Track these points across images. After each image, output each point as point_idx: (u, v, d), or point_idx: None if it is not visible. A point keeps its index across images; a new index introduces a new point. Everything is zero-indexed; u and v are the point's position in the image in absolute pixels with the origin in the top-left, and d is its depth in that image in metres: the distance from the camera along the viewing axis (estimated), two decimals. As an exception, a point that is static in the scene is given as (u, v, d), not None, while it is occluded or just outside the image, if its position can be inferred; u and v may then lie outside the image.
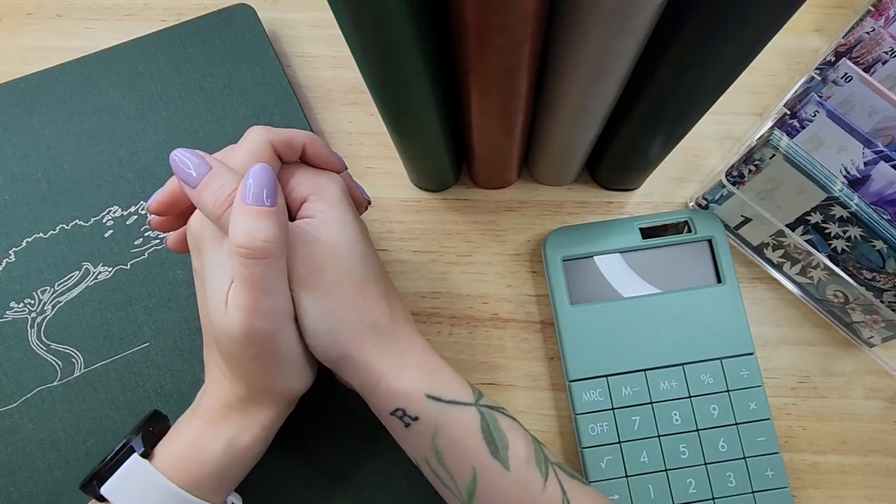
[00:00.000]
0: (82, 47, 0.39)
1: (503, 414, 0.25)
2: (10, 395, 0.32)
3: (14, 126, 0.36)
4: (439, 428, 0.24)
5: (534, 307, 0.36)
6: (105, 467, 0.24)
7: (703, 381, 0.32)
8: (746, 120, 0.39)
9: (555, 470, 0.25)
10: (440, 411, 0.24)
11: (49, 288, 0.34)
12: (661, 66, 0.25)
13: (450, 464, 0.24)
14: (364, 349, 0.24)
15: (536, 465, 0.24)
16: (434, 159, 0.33)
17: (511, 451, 0.24)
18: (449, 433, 0.24)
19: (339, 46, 0.41)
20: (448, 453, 0.24)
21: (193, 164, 0.23)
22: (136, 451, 0.24)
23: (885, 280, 0.31)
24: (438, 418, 0.24)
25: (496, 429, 0.24)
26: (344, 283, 0.24)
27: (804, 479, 0.33)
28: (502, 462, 0.24)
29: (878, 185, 0.31)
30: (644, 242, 0.35)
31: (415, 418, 0.24)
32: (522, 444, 0.25)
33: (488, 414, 0.25)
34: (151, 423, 0.26)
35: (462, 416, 0.24)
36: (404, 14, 0.20)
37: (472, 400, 0.25)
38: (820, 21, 0.40)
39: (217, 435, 0.24)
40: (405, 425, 0.25)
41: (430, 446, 0.24)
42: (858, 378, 0.34)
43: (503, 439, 0.24)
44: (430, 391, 0.24)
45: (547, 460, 0.25)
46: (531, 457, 0.24)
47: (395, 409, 0.25)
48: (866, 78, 0.31)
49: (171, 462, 0.24)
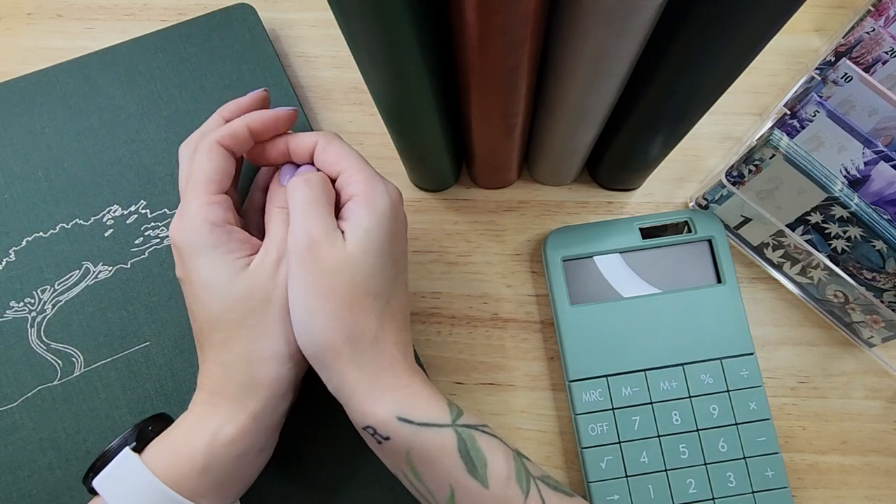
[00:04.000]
0: (82, 47, 0.39)
1: (482, 432, 0.25)
2: (11, 395, 0.32)
3: (14, 125, 0.36)
4: (412, 448, 0.24)
5: (534, 307, 0.36)
6: (101, 460, 0.24)
7: (703, 381, 0.32)
8: (746, 120, 0.39)
9: (537, 484, 0.25)
10: (413, 433, 0.24)
11: (49, 287, 0.34)
12: (661, 66, 0.25)
13: (426, 480, 0.25)
14: (339, 361, 0.24)
15: (517, 482, 0.24)
16: (434, 159, 0.33)
17: (490, 469, 0.24)
18: (423, 453, 0.24)
19: (339, 46, 0.41)
20: (424, 471, 0.24)
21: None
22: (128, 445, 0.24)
23: (885, 280, 0.31)
24: (411, 439, 0.24)
25: (474, 447, 0.24)
26: (339, 291, 0.24)
27: (804, 479, 0.33)
28: (480, 480, 0.24)
29: (878, 185, 0.31)
30: (644, 242, 0.35)
31: (386, 438, 0.24)
32: (502, 462, 0.25)
33: (466, 433, 0.25)
34: (153, 421, 0.26)
35: (436, 437, 0.24)
36: (404, 14, 0.20)
37: (448, 421, 0.25)
38: (820, 21, 0.40)
39: (204, 427, 0.24)
40: (377, 442, 0.25)
41: (405, 462, 0.25)
42: (858, 378, 0.34)
43: (481, 458, 0.24)
44: (402, 413, 0.24)
45: (529, 475, 0.25)
46: (511, 474, 0.24)
47: (365, 426, 0.25)
48: (866, 78, 0.31)
49: (159, 457, 0.24)
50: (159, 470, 0.23)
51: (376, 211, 0.26)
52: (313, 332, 0.24)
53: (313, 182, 0.26)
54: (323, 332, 0.24)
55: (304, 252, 0.24)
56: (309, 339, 0.25)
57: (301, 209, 0.25)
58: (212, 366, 0.26)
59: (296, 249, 0.25)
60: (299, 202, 0.25)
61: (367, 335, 0.25)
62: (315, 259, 0.24)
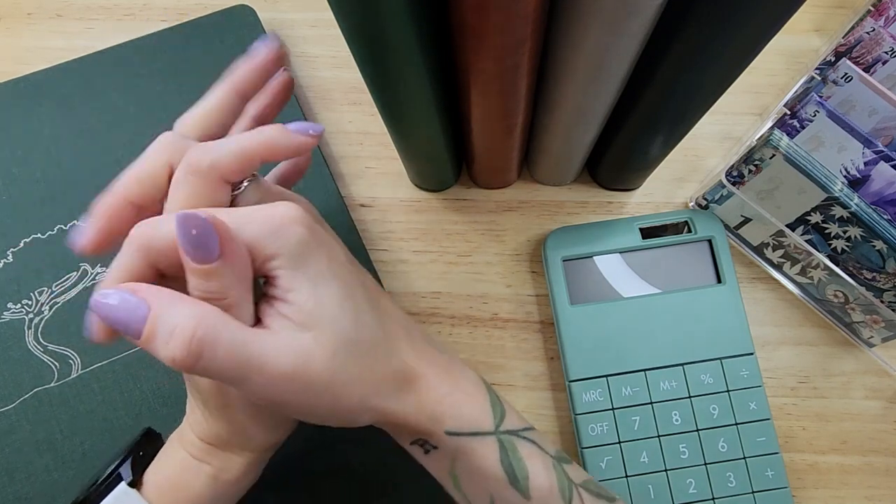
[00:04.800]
0: (82, 47, 0.39)
1: (523, 438, 0.25)
2: (8, 397, 0.32)
3: (13, 126, 0.36)
4: (457, 458, 0.24)
5: (534, 307, 0.36)
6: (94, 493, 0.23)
7: (703, 381, 0.32)
8: (746, 120, 0.39)
9: (579, 493, 0.24)
10: (459, 443, 0.24)
11: (47, 289, 0.33)
12: (661, 66, 0.25)
13: (467, 490, 0.24)
14: (382, 412, 0.22)
15: (560, 493, 0.24)
16: (434, 159, 0.33)
17: (532, 481, 0.24)
18: (466, 463, 0.24)
19: (339, 46, 0.41)
20: (465, 481, 0.24)
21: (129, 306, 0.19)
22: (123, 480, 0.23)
23: (885, 280, 0.31)
24: (457, 449, 0.24)
25: (515, 458, 0.24)
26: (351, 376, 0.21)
27: (804, 479, 0.33)
28: (522, 492, 0.23)
29: (878, 185, 0.31)
30: (644, 242, 0.35)
31: (434, 447, 0.24)
32: (543, 473, 0.24)
33: (507, 442, 0.24)
34: (143, 444, 0.25)
35: (479, 447, 0.24)
36: (404, 14, 0.20)
37: (492, 427, 0.24)
38: (820, 21, 0.40)
39: (201, 469, 0.24)
40: (425, 451, 0.24)
41: (448, 472, 0.24)
42: (858, 378, 0.34)
43: (523, 469, 0.24)
44: (450, 427, 0.23)
45: (571, 484, 0.24)
46: (553, 484, 0.24)
47: (415, 440, 0.24)
48: (866, 78, 0.31)
49: (159, 494, 0.24)
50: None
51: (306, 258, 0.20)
52: (354, 417, 0.22)
53: (203, 345, 0.18)
54: (361, 412, 0.22)
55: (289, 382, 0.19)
56: (351, 419, 0.22)
57: (231, 379, 0.19)
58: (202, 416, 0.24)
59: (280, 390, 0.20)
60: (219, 377, 0.19)
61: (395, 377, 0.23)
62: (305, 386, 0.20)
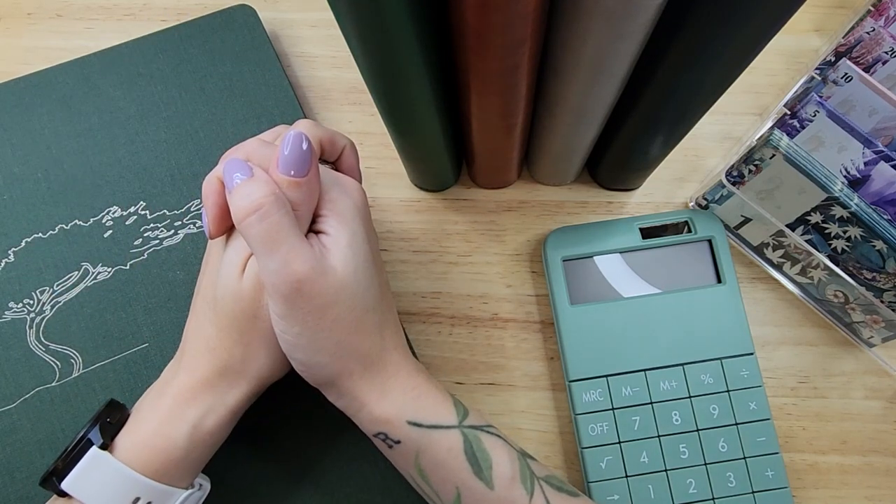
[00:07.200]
0: (82, 47, 0.39)
1: (487, 433, 0.25)
2: (9, 396, 0.32)
3: (14, 126, 0.36)
4: (421, 451, 0.24)
5: (534, 307, 0.36)
6: (64, 462, 0.23)
7: (703, 381, 0.32)
8: (746, 120, 0.39)
9: (541, 485, 0.25)
10: (422, 436, 0.24)
11: (48, 288, 0.34)
12: (661, 66, 0.25)
13: (433, 483, 0.25)
14: (351, 380, 0.24)
15: (521, 483, 0.24)
16: (434, 159, 0.33)
17: (495, 470, 0.24)
18: (431, 456, 0.24)
19: (339, 46, 0.41)
20: (431, 474, 0.25)
21: (240, 170, 0.23)
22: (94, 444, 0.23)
23: (885, 280, 0.31)
24: (420, 442, 0.24)
25: (479, 449, 0.25)
26: (344, 319, 0.23)
27: (804, 479, 0.33)
28: (486, 482, 0.24)
29: (878, 185, 0.31)
30: (644, 242, 0.35)
31: (397, 441, 0.25)
32: (507, 462, 0.25)
33: (471, 434, 0.25)
34: (108, 412, 0.25)
35: (444, 438, 0.24)
36: (404, 14, 0.20)
37: (455, 422, 0.25)
38: (820, 21, 0.40)
39: (183, 417, 0.24)
40: (388, 446, 0.25)
41: (413, 465, 0.25)
42: (858, 378, 0.34)
43: (487, 459, 0.24)
44: (412, 417, 0.24)
45: (533, 476, 0.25)
46: (516, 474, 0.25)
47: (377, 433, 0.25)
48: (866, 78, 0.31)
49: (136, 451, 0.24)
50: (138, 463, 0.23)
51: (350, 221, 0.24)
52: (323, 366, 0.24)
53: (269, 212, 0.22)
54: (333, 364, 0.24)
55: (294, 294, 0.22)
56: (318, 372, 0.24)
57: (266, 248, 0.22)
58: (206, 346, 0.25)
59: (281, 293, 0.22)
60: (259, 242, 0.22)
61: (374, 350, 0.25)
62: (309, 297, 0.22)
